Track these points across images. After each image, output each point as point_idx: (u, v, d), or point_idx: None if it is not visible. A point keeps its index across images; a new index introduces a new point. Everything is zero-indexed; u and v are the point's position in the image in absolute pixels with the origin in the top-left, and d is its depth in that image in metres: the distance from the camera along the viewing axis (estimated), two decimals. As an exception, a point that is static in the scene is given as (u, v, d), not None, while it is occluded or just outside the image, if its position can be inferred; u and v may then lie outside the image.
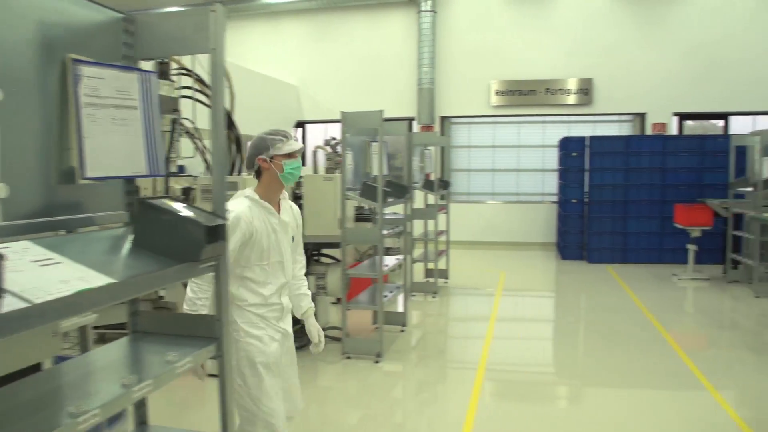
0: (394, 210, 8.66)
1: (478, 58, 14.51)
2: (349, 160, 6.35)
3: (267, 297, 3.32)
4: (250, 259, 3.26)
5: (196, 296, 3.18)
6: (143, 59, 2.50)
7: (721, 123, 14.21)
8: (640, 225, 12.22)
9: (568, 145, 12.79)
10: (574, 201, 12.71)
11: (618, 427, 4.99)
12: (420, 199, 9.86)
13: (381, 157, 6.25)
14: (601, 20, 14.05)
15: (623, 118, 14.54)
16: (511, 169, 14.91)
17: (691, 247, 10.44)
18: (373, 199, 6.23)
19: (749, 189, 10.01)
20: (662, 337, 7.26)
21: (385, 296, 6.71)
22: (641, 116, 14.15)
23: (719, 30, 13.58)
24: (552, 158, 14.31)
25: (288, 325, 3.50)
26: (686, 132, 14.22)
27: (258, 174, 3.34)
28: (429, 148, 9.81)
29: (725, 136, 12.17)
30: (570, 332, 8.03)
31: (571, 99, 14.25)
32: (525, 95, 14.43)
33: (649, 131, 13.86)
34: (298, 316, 3.68)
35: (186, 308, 3.19)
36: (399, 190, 7.03)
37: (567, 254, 12.81)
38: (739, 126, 13.77)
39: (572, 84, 14.19)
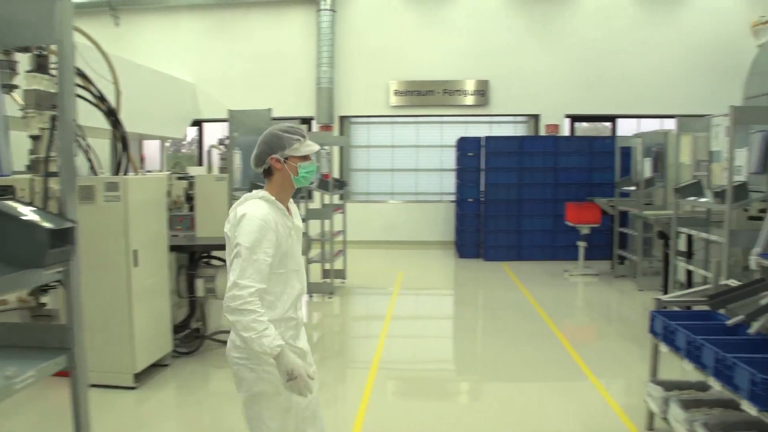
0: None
1: (377, 59, 14.54)
2: (237, 159, 6.17)
3: (284, 311, 3.00)
4: (270, 268, 2.94)
5: (258, 314, 2.78)
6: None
7: (609, 125, 14.82)
8: (534, 223, 12.57)
9: (464, 145, 13.01)
10: (470, 200, 12.93)
11: (505, 419, 5.09)
12: (320, 199, 9.77)
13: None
14: (497, 24, 14.37)
15: (518, 119, 14.91)
16: (410, 169, 15.01)
17: (581, 244, 10.80)
18: (261, 200, 6.07)
19: (633, 188, 10.47)
20: (551, 331, 7.45)
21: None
22: (535, 117, 14.55)
23: (608, 38, 14.21)
24: (450, 158, 14.50)
25: (304, 343, 3.21)
26: (578, 133, 14.75)
27: (267, 173, 3.03)
28: (325, 147, 9.72)
29: (612, 138, 12.69)
30: (466, 329, 8.15)
31: (469, 100, 14.49)
32: (423, 96, 14.56)
33: (543, 132, 14.28)
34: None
35: (251, 334, 2.76)
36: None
37: (464, 253, 13.01)
38: (625, 128, 14.37)
39: (470, 85, 14.43)
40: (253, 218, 2.85)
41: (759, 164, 5.95)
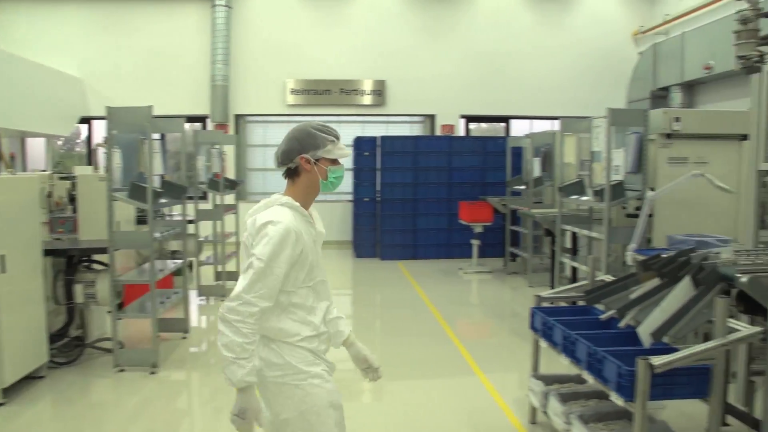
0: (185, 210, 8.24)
1: (273, 56, 14.34)
2: (117, 158, 5.89)
3: (318, 325, 2.76)
4: (298, 281, 2.69)
5: (248, 340, 2.53)
6: None
7: (503, 125, 15.22)
8: (429, 222, 12.70)
9: (360, 145, 13.00)
10: (366, 200, 12.95)
11: (393, 418, 5.10)
12: (217, 199, 9.49)
13: (151, 155, 5.88)
14: (395, 24, 14.48)
15: (415, 119, 15.10)
16: (307, 169, 14.85)
17: (475, 242, 11.01)
18: (142, 200, 5.83)
19: (523, 187, 10.77)
20: (443, 329, 7.53)
21: (162, 302, 6.35)
22: (431, 118, 14.77)
23: (503, 41, 14.65)
24: (347, 158, 14.45)
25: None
26: (478, 134, 15.06)
27: (291, 174, 2.78)
28: (216, 146, 9.48)
29: (504, 138, 13.00)
30: (361, 329, 8.11)
31: (366, 99, 14.53)
32: (321, 95, 14.48)
33: (438, 132, 14.48)
34: (339, 345, 3.05)
35: (230, 355, 2.52)
36: (176, 190, 6.67)
37: (361, 252, 13.01)
38: (520, 129, 14.79)
39: (367, 85, 14.47)
40: (275, 229, 2.59)
41: (634, 164, 6.21)
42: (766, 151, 4.37)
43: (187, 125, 7.03)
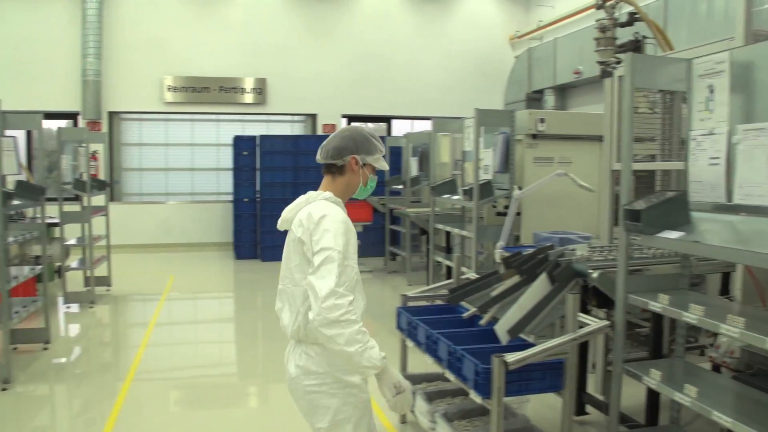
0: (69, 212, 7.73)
1: (150, 52, 13.72)
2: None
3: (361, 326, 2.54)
4: (351, 280, 2.54)
5: (360, 324, 2.46)
6: None
7: (384, 125, 15.32)
8: (310, 222, 12.53)
9: (240, 144, 12.72)
10: (246, 200, 12.68)
11: (273, 422, 4.98)
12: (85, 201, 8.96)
13: (0, 153, 5.46)
14: (275, 22, 14.24)
15: (296, 118, 14.91)
16: (185, 168, 14.40)
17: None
18: (-12, 202, 5.41)
19: (401, 186, 10.86)
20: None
21: (17, 312, 5.92)
22: (313, 117, 14.64)
23: (385, 41, 14.71)
24: (227, 157, 14.11)
25: None
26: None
27: (333, 170, 2.76)
28: (84, 144, 8.96)
29: (383, 138, 13.03)
30: (238, 332, 7.95)
31: (247, 98, 14.19)
32: (200, 92, 14.00)
33: (320, 131, 14.38)
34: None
35: (357, 347, 2.42)
36: (32, 191, 6.24)
37: (242, 253, 12.72)
38: (402, 129, 14.91)
39: (247, 83, 14.14)
40: (336, 220, 2.57)
41: (501, 163, 6.37)
42: (618, 152, 4.55)
43: (51, 122, 6.60)
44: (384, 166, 2.86)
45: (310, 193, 2.80)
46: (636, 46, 6.70)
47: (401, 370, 4.83)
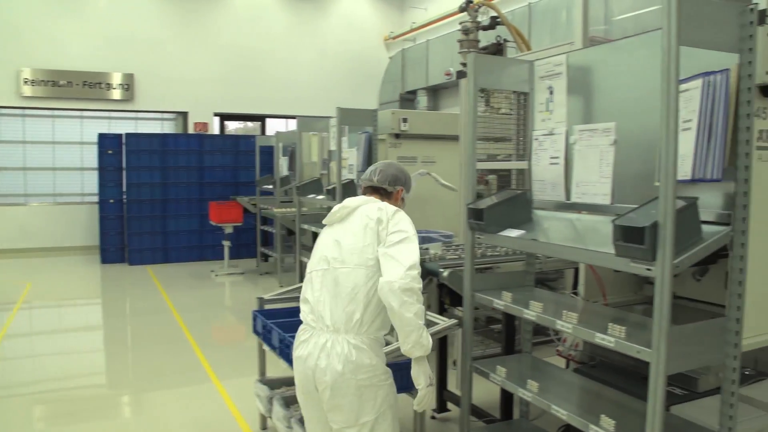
0: None
1: (4, 42, 12.74)
2: None
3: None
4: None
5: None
6: None
7: (258, 124, 15.06)
8: (180, 224, 12.14)
9: (104, 143, 12.08)
10: (111, 201, 12.08)
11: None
12: None
13: None
14: (144, 15, 13.64)
15: (166, 116, 14.38)
16: (46, 168, 13.52)
17: (226, 244, 10.73)
18: None
19: (271, 186, 10.69)
20: (185, 336, 7.18)
21: None
22: (184, 115, 14.16)
23: (259, 39, 14.46)
24: (91, 156, 13.39)
25: None
26: (230, 132, 14.69)
27: (381, 192, 3.10)
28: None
29: (254, 137, 12.76)
30: (102, 341, 7.50)
31: (114, 94, 13.52)
32: (62, 87, 13.17)
33: (191, 130, 13.93)
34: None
35: (421, 322, 2.71)
36: None
37: (108, 257, 12.10)
38: (276, 127, 14.66)
39: (114, 78, 13.46)
40: (405, 214, 2.96)
41: (365, 163, 6.34)
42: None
43: None
44: (406, 202, 3.24)
45: (365, 197, 3.08)
46: (498, 49, 6.86)
47: (259, 375, 4.70)
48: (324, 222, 3.09)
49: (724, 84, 2.40)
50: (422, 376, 2.75)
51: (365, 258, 2.79)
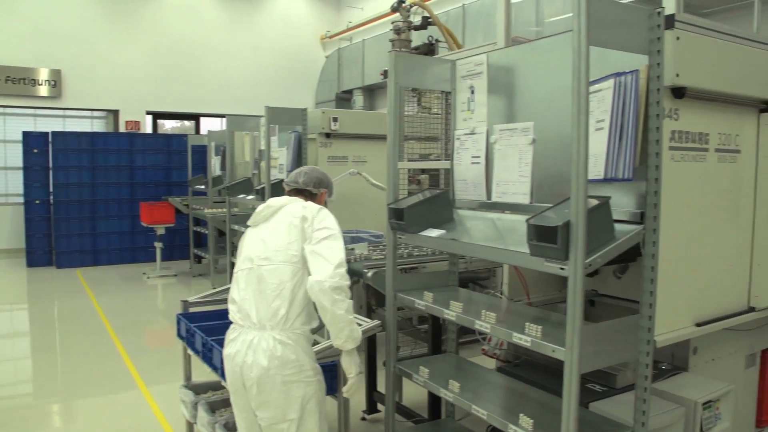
0: None
1: None
2: None
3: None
4: None
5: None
6: None
7: (193, 123, 14.77)
8: (110, 225, 11.79)
9: (29, 141, 11.63)
10: (38, 202, 11.65)
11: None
12: None
13: None
14: (73, 10, 13.19)
15: (97, 113, 13.96)
16: (-33, 167, 12.98)
17: (158, 245, 10.49)
18: None
19: (202, 186, 10.50)
20: (112, 341, 6.98)
21: None
22: (115, 113, 13.78)
23: (192, 36, 14.16)
24: (16, 155, 12.87)
25: None
26: (167, 131, 14.37)
27: (305, 194, 3.19)
28: None
29: (186, 136, 12.50)
30: (26, 349, 7.22)
31: (40, 90, 13.03)
32: (-18, 82, 12.68)
33: (123, 128, 13.56)
34: None
35: (351, 317, 2.83)
36: None
37: (34, 260, 11.66)
38: (211, 126, 14.41)
39: (40, 74, 12.98)
40: (328, 211, 3.01)
41: (293, 163, 6.26)
42: (401, 151, 4.60)
43: None
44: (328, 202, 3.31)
45: (289, 197, 3.13)
46: (429, 49, 6.88)
47: (184, 380, 4.58)
48: (249, 223, 3.11)
49: (634, 84, 2.43)
50: (353, 365, 2.88)
51: (290, 255, 2.84)
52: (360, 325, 3.49)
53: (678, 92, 2.90)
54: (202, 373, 4.70)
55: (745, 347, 3.79)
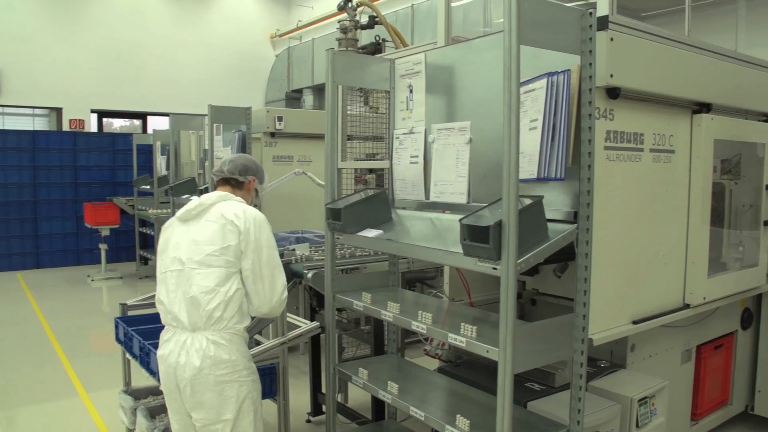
0: None
1: None
2: None
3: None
4: None
5: None
6: None
7: (139, 122, 14.47)
8: (53, 227, 11.47)
9: (-35, 140, 11.25)
10: (-25, 203, 11.28)
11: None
12: None
13: None
14: (12, 5, 12.77)
15: (39, 112, 13.56)
16: None
17: (103, 247, 10.25)
18: None
19: (148, 186, 10.30)
20: (53, 346, 6.79)
21: None
22: (58, 111, 13.41)
23: (139, 34, 13.84)
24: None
25: None
26: (116, 130, 14.04)
27: (233, 183, 3.08)
28: None
29: (131, 135, 12.23)
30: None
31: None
32: None
33: (66, 127, 13.21)
34: None
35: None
36: None
37: (-28, 264, 11.30)
38: (159, 125, 14.11)
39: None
40: (265, 221, 2.90)
41: (238, 162, 6.17)
42: (343, 151, 4.57)
43: None
44: (261, 194, 3.26)
45: (218, 194, 2.97)
46: (376, 48, 6.85)
47: (124, 385, 4.47)
48: (178, 218, 2.96)
49: (566, 84, 2.44)
50: None
51: (225, 260, 2.76)
52: (297, 326, 3.45)
53: (613, 93, 2.93)
54: (144, 377, 4.61)
55: (681, 343, 3.86)
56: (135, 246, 10.83)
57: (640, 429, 3.13)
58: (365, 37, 7.12)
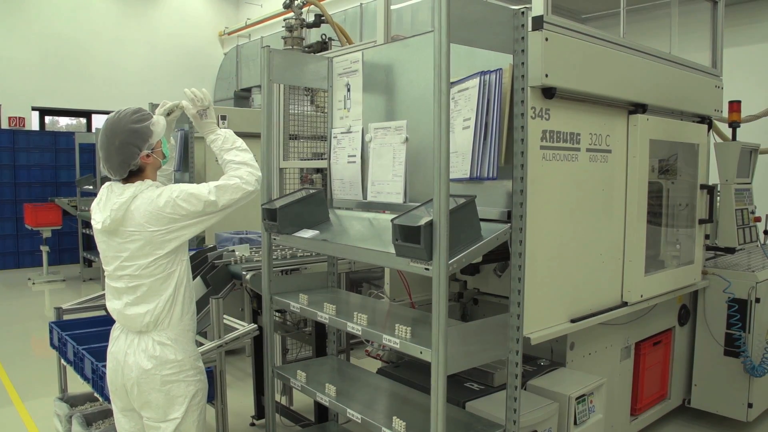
0: None
1: None
2: None
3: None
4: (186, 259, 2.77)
5: None
6: None
7: (84, 120, 14.11)
8: (-8, 228, 11.15)
9: None
10: None
11: None
12: None
13: None
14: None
15: (-22, 109, 13.12)
16: None
17: (44, 249, 9.98)
18: None
19: (90, 186, 10.08)
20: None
21: None
22: (-3, 109, 12.99)
23: (81, 30, 13.43)
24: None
25: None
26: (58, 128, 13.64)
27: (134, 173, 2.66)
28: None
29: (74, 134, 11.92)
30: None
31: None
32: None
33: (5, 125, 12.79)
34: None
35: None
36: None
37: None
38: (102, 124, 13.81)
39: None
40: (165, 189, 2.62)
41: (180, 162, 6.08)
42: (285, 150, 4.52)
43: None
44: (163, 126, 2.78)
45: (134, 185, 2.62)
46: (323, 47, 6.79)
47: (60, 392, 4.33)
48: (94, 226, 2.73)
49: (497, 83, 2.43)
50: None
51: (158, 271, 2.64)
52: (234, 329, 3.39)
53: (548, 92, 2.94)
54: (80, 384, 4.48)
55: (620, 340, 3.91)
56: (78, 248, 10.56)
57: (578, 426, 3.15)
58: (314, 36, 7.06)
